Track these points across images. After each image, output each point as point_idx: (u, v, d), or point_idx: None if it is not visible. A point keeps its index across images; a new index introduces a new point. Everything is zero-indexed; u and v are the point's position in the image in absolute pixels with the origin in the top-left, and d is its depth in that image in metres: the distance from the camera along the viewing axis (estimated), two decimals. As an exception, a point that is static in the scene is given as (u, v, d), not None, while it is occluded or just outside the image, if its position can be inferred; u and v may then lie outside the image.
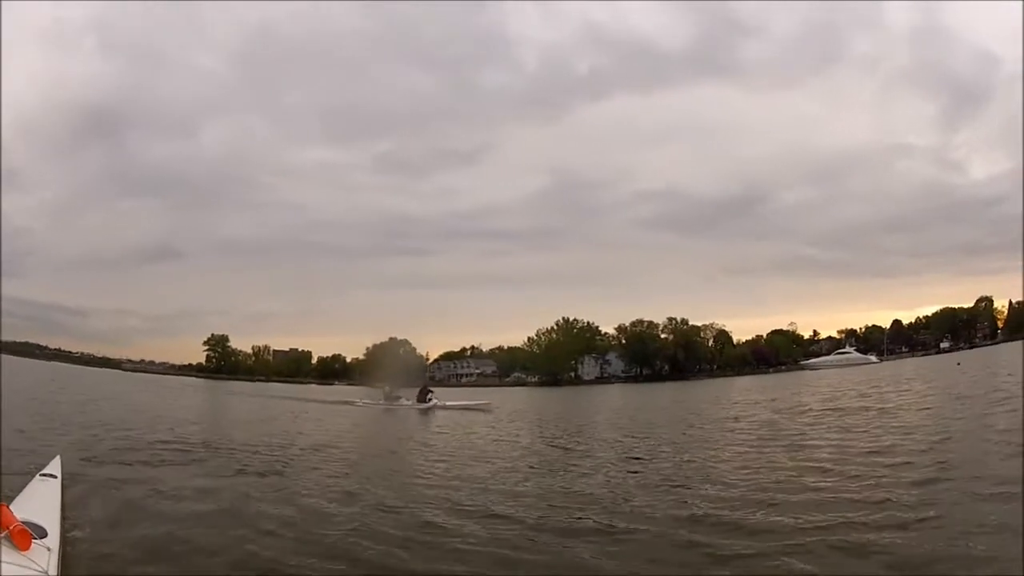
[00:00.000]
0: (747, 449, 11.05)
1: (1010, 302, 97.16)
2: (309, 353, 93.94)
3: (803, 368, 77.05)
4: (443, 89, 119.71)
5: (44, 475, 6.27)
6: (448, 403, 27.75)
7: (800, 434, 12.64)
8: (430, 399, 27.88)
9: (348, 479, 8.92)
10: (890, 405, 17.21)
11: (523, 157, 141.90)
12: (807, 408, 19.02)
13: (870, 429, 12.37)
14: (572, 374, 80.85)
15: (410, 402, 28.21)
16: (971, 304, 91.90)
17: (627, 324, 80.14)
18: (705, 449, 11.62)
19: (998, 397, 15.47)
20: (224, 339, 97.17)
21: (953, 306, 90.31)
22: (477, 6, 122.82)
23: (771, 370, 78.82)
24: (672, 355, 79.28)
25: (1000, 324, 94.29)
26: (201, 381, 77.09)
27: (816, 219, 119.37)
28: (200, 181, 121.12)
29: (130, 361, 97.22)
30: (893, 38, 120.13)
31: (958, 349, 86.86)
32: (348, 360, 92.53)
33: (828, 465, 8.66)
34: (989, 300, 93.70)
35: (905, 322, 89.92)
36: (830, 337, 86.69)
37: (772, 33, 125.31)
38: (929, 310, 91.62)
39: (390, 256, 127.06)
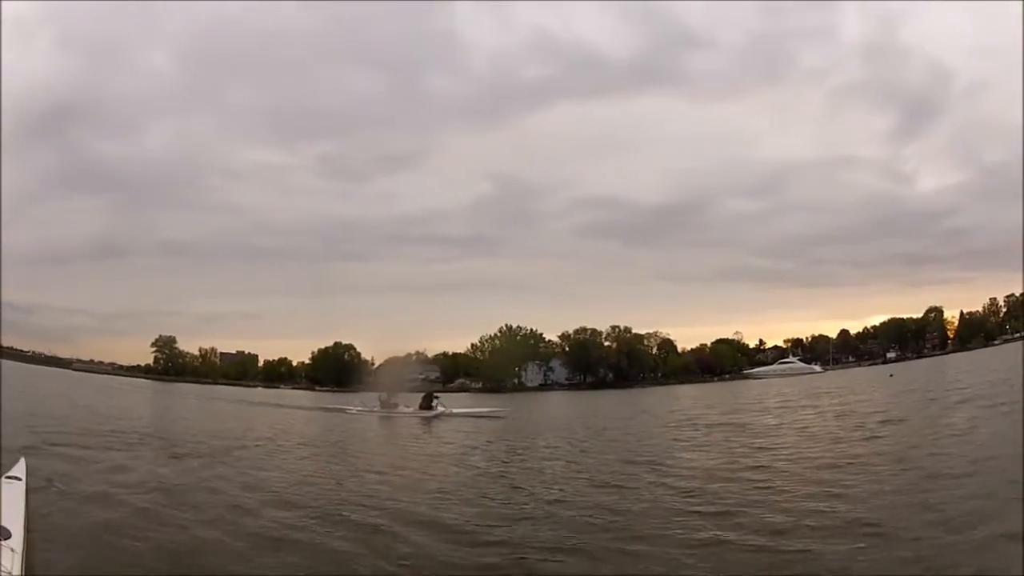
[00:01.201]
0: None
1: (961, 313, 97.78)
2: (255, 356, 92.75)
3: (747, 377, 76.87)
4: (388, 92, 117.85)
5: (9, 477, 6.51)
6: (455, 411, 26.13)
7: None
8: (435, 406, 26.02)
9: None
10: (770, 422, 18.01)
11: (466, 163, 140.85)
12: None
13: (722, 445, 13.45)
14: (516, 381, 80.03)
15: (411, 409, 26.29)
16: (920, 315, 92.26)
17: (571, 332, 79.46)
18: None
19: (892, 415, 15.92)
20: (172, 340, 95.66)
21: (901, 316, 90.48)
22: (427, 7, 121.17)
23: (715, 379, 78.47)
24: (616, 363, 78.69)
25: (951, 335, 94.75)
26: (150, 383, 76.02)
27: (761, 229, 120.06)
28: (146, 180, 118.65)
29: (79, 361, 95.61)
30: (845, 51, 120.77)
31: (905, 359, 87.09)
32: (294, 364, 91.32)
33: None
34: (939, 311, 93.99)
35: (852, 332, 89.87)
36: (776, 346, 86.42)
37: (720, 44, 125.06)
38: (876, 320, 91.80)
39: (334, 261, 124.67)
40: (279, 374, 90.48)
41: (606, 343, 79.00)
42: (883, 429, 13.51)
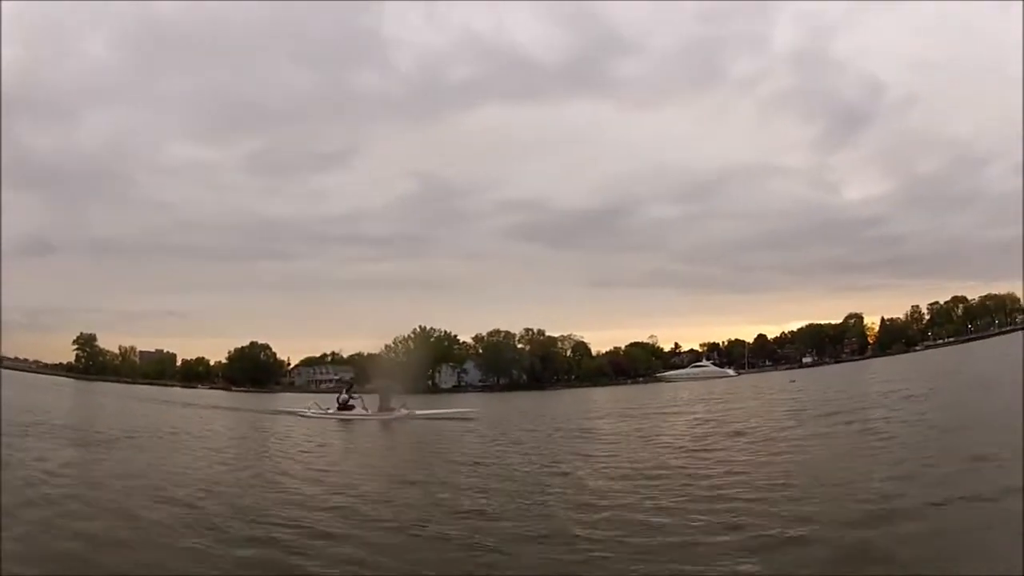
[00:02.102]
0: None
1: (882, 319, 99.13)
2: (174, 355, 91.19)
3: (659, 380, 76.99)
4: (318, 88, 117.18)
5: None
6: (419, 413, 23.56)
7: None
8: (399, 408, 23.57)
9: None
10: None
11: (392, 162, 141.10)
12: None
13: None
14: (430, 383, 79.40)
15: (368, 411, 23.85)
16: (839, 320, 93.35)
17: (484, 334, 79.05)
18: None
19: (745, 426, 15.07)
20: (92, 338, 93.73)
21: (820, 322, 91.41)
22: (361, 6, 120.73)
23: (629, 382, 78.55)
24: (529, 365, 78.43)
25: (871, 340, 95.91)
26: (71, 381, 74.09)
27: (686, 235, 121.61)
28: (78, 175, 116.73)
29: (7, 358, 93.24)
30: (777, 60, 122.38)
31: (822, 364, 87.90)
32: (212, 363, 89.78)
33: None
34: (859, 317, 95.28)
35: (772, 337, 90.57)
36: (692, 350, 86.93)
37: (651, 51, 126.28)
38: (796, 325, 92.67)
39: (257, 259, 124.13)
40: (196, 374, 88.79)
41: (519, 345, 78.74)
42: (721, 442, 12.70)
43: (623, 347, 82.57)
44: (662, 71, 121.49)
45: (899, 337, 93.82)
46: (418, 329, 79.33)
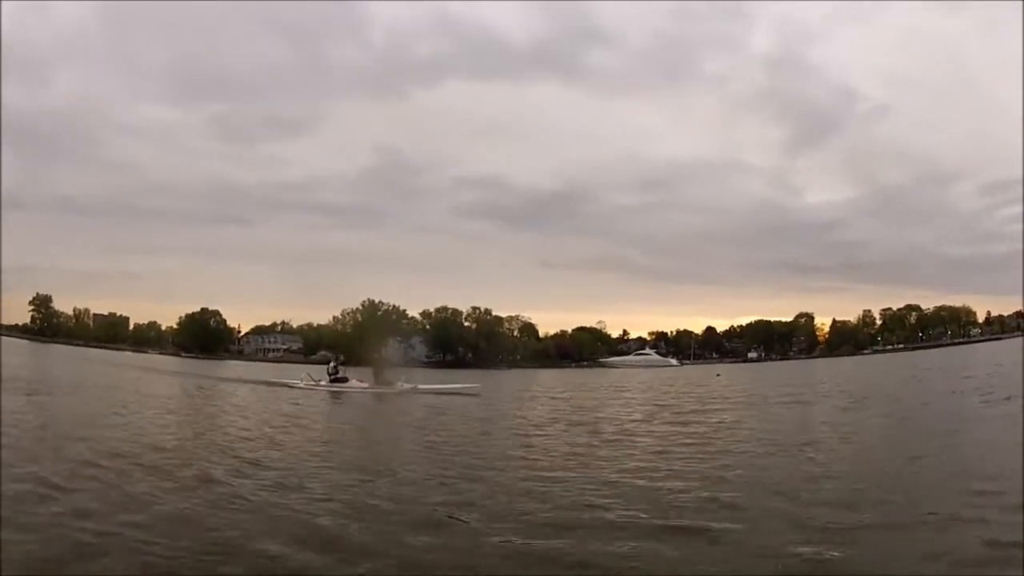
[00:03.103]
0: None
1: (833, 320, 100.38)
2: (127, 319, 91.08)
3: (603, 366, 77.80)
4: (287, 57, 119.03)
5: None
6: (421, 387, 22.10)
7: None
8: (397, 381, 22.03)
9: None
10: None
11: (355, 133, 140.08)
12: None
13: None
14: (376, 356, 79.68)
15: (365, 384, 22.26)
16: (791, 319, 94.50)
17: (432, 310, 79.65)
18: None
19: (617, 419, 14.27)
20: (48, 299, 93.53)
21: (770, 319, 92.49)
22: None
23: (573, 365, 79.27)
24: (475, 343, 79.01)
25: (821, 340, 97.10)
26: (27, 344, 73.84)
27: (642, 224, 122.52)
28: (47, 132, 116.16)
29: None
30: (750, 61, 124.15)
31: (768, 360, 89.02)
32: (163, 328, 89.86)
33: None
34: (810, 316, 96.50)
35: (722, 330, 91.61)
36: (640, 338, 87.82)
37: (625, 42, 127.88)
38: (747, 320, 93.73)
39: (215, 224, 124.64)
40: (148, 339, 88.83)
41: (466, 323, 79.33)
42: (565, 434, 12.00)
43: (570, 331, 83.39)
44: (634, 63, 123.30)
45: (849, 339, 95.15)
46: (367, 302, 79.87)
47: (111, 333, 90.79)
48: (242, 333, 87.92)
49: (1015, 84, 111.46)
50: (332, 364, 24.21)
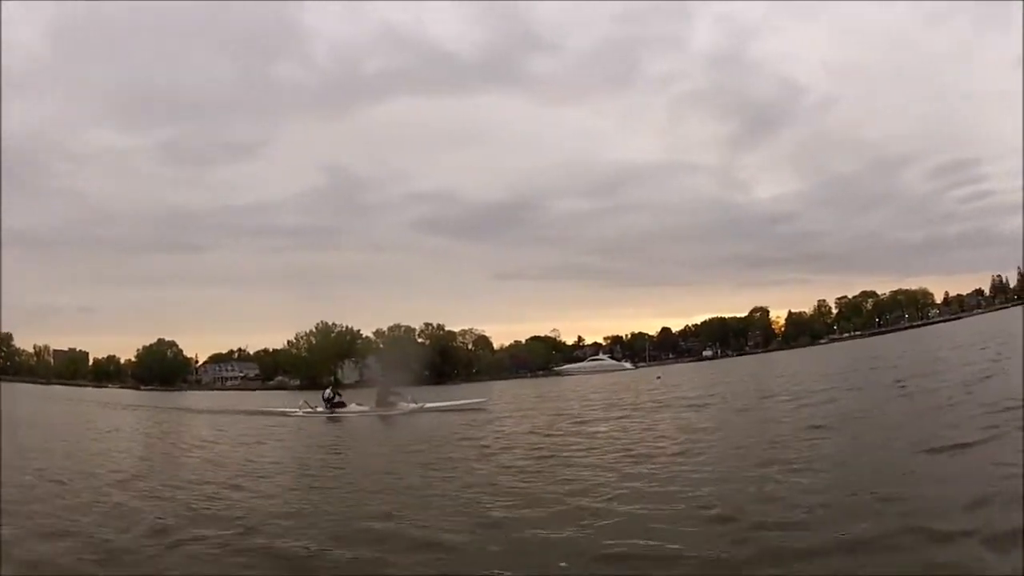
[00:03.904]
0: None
1: (789, 313, 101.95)
2: (86, 354, 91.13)
3: (558, 374, 78.81)
4: (235, 78, 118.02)
5: None
6: (428, 405, 20.97)
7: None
8: (406, 401, 21.10)
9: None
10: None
11: (303, 153, 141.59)
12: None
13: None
14: (332, 378, 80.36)
15: (365, 407, 21.38)
16: (745, 314, 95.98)
17: (385, 328, 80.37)
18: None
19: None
20: (9, 338, 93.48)
21: (724, 315, 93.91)
22: None
23: (529, 375, 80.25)
24: (429, 360, 79.71)
25: (777, 333, 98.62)
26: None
27: (592, 229, 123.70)
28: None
29: None
30: (692, 61, 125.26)
31: (725, 356, 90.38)
32: (122, 361, 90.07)
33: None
34: (764, 310, 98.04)
35: (677, 329, 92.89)
36: (596, 343, 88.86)
37: (567, 49, 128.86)
38: (703, 318, 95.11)
39: (167, 252, 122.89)
40: (107, 373, 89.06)
41: (420, 340, 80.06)
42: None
43: (524, 340, 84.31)
44: (577, 69, 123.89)
45: (805, 330, 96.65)
46: (320, 324, 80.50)
47: (72, 369, 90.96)
48: (199, 363, 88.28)
49: (961, 66, 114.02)
50: (329, 390, 23.51)
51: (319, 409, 22.06)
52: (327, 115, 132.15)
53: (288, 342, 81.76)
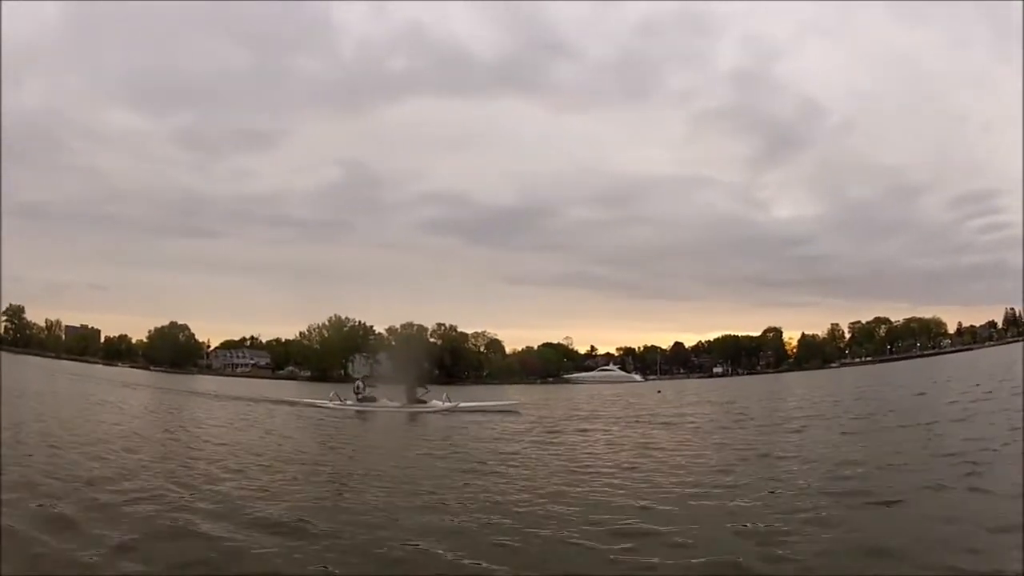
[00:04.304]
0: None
1: (802, 335, 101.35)
2: (98, 331, 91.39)
3: (567, 382, 78.66)
4: (255, 67, 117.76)
5: None
6: (462, 405, 21.09)
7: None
8: (440, 399, 21.06)
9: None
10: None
11: (321, 146, 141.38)
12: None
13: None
14: (342, 372, 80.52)
15: (396, 403, 21.40)
16: (759, 333, 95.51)
17: (398, 326, 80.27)
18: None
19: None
20: (21, 310, 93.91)
21: (737, 334, 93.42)
22: None
23: (539, 381, 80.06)
24: (439, 359, 79.63)
25: (790, 354, 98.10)
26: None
27: (608, 239, 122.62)
28: (13, 136, 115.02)
29: None
30: (716, 77, 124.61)
31: (735, 375, 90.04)
32: (133, 341, 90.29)
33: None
34: (778, 331, 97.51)
35: (690, 345, 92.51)
36: (608, 354, 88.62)
37: (589, 56, 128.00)
38: (716, 335, 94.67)
39: (181, 236, 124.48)
40: (118, 351, 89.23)
41: (431, 339, 79.95)
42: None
43: (536, 347, 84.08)
44: (597, 77, 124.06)
45: (817, 353, 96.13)
46: (333, 318, 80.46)
47: (82, 346, 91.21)
48: (211, 348, 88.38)
49: (980, 96, 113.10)
50: (359, 383, 23.68)
51: (348, 402, 21.99)
52: (347, 110, 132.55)
53: (300, 333, 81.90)
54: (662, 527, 5.67)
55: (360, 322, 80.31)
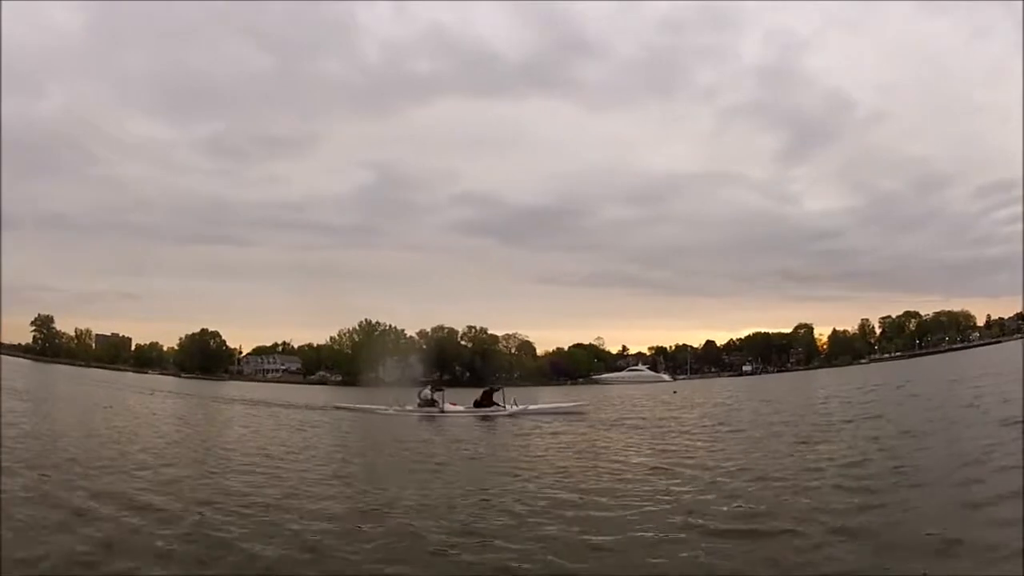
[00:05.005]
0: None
1: (833, 330, 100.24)
2: (129, 339, 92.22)
3: (596, 383, 78.33)
4: (280, 72, 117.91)
5: None
6: (531, 407, 21.06)
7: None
8: (504, 403, 21.13)
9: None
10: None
11: (349, 151, 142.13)
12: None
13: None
14: (374, 375, 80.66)
15: (459, 408, 21.21)
16: (790, 330, 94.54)
17: (428, 329, 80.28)
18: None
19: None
20: (50, 320, 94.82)
21: (768, 331, 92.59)
22: None
23: (569, 382, 79.80)
24: (470, 362, 79.60)
25: (821, 351, 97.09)
26: (28, 363, 74.59)
27: (638, 237, 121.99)
28: (37, 146, 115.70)
29: None
30: (742, 72, 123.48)
31: (765, 372, 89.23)
32: (164, 349, 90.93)
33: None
34: (809, 327, 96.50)
35: (721, 343, 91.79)
36: (640, 353, 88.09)
37: (616, 54, 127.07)
38: (748, 332, 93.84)
39: (211, 243, 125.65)
40: (149, 359, 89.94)
41: (462, 342, 79.91)
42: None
43: (567, 347, 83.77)
44: (623, 75, 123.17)
45: (847, 349, 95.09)
46: (364, 322, 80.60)
47: (112, 353, 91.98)
48: (243, 354, 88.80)
49: (1005, 86, 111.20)
50: (428, 389, 23.20)
51: (407, 407, 21.69)
52: (374, 113, 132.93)
53: (331, 338, 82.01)
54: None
55: (391, 326, 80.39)
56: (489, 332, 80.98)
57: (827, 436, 11.82)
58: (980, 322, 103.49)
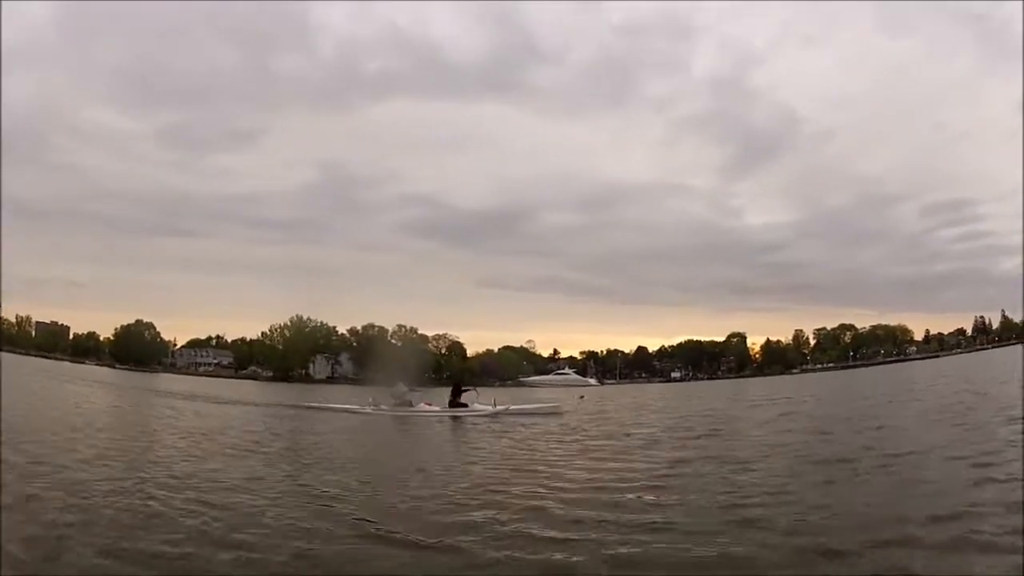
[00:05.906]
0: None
1: (767, 340, 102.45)
2: (68, 328, 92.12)
3: (523, 385, 79.73)
4: (238, 67, 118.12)
5: None
6: (513, 408, 20.48)
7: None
8: (483, 403, 20.53)
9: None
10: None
11: (300, 146, 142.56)
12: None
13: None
14: (303, 372, 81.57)
15: (434, 408, 20.68)
16: (723, 338, 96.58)
17: (359, 327, 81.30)
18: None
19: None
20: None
21: (701, 338, 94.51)
22: None
23: (496, 384, 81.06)
24: (402, 362, 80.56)
25: (754, 360, 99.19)
26: None
27: (581, 244, 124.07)
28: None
29: None
30: (694, 85, 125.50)
31: (695, 379, 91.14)
32: (101, 339, 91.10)
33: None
34: (742, 336, 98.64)
35: (652, 349, 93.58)
36: (571, 357, 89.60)
37: (570, 61, 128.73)
38: (682, 340, 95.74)
39: (164, 235, 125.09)
40: (86, 349, 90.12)
41: (392, 341, 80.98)
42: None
43: (496, 349, 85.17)
44: (577, 83, 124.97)
45: (779, 359, 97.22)
46: (295, 318, 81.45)
47: (51, 342, 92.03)
48: (177, 346, 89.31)
49: (957, 106, 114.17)
50: (401, 385, 22.46)
51: (382, 406, 21.22)
52: (327, 110, 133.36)
53: (263, 333, 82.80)
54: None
55: (322, 322, 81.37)
56: (419, 332, 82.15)
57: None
58: (919, 337, 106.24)
